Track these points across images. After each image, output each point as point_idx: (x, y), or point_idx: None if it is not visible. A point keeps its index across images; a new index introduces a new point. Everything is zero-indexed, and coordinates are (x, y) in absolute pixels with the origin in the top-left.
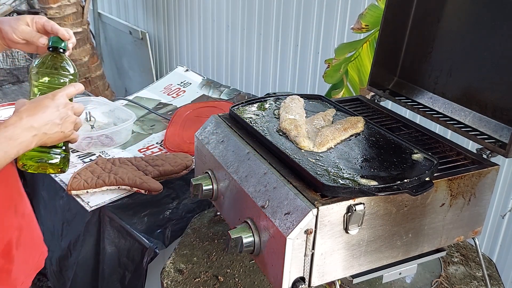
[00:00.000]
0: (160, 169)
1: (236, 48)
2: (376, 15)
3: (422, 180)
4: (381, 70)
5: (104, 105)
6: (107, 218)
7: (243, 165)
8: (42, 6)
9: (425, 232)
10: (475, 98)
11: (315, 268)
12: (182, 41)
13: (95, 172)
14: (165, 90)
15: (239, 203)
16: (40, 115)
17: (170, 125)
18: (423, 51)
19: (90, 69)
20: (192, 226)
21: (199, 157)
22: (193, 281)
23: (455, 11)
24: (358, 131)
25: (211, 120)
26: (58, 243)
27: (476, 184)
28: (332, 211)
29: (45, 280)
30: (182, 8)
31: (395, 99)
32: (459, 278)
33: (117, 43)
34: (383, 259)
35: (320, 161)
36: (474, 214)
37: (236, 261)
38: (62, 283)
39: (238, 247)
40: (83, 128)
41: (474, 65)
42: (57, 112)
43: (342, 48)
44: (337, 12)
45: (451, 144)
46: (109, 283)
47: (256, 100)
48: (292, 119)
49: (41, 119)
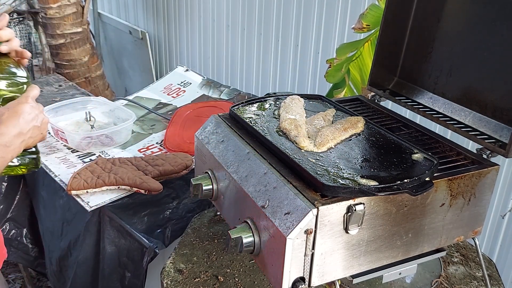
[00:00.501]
0: (160, 169)
1: (236, 48)
2: (377, 15)
3: (422, 180)
4: (381, 70)
5: (104, 105)
6: (107, 218)
7: (243, 165)
8: (42, 6)
9: (425, 232)
10: (475, 98)
11: (315, 268)
12: (182, 41)
13: (95, 172)
14: (165, 90)
15: (239, 203)
16: (24, 121)
17: (170, 125)
18: (423, 51)
19: (90, 69)
20: (192, 226)
21: (199, 157)
22: (193, 281)
23: (455, 11)
24: (358, 131)
25: (211, 120)
26: (58, 243)
27: (476, 184)
28: (332, 211)
29: (45, 280)
30: (182, 8)
31: (395, 99)
32: (459, 278)
33: (117, 43)
34: (383, 259)
35: (320, 161)
36: (474, 214)
37: (236, 261)
38: (62, 283)
39: (238, 247)
40: (83, 128)
41: (474, 65)
42: (35, 115)
43: (344, 47)
44: (338, 12)
45: (451, 144)
46: (109, 283)
47: (256, 100)
48: (292, 119)
49: (26, 125)
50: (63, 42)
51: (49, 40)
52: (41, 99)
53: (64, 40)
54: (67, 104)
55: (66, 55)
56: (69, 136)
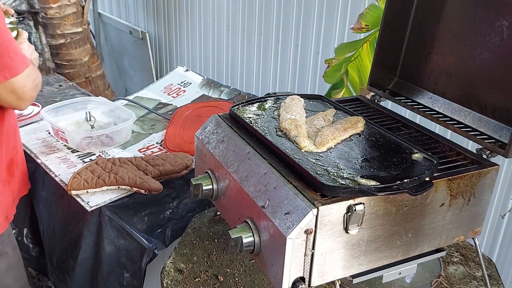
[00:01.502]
0: (160, 169)
1: (236, 48)
2: (376, 15)
3: (422, 180)
4: (381, 70)
5: (104, 105)
6: (107, 218)
7: (243, 165)
8: (42, 6)
9: (425, 232)
10: (475, 98)
11: (315, 268)
12: (182, 41)
13: (95, 172)
14: (165, 90)
15: (239, 202)
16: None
17: (170, 125)
18: (423, 51)
19: (90, 69)
20: (192, 226)
21: (199, 157)
22: (193, 281)
23: (455, 11)
24: (358, 131)
25: (211, 120)
26: (58, 243)
27: (476, 184)
28: (332, 211)
29: (45, 279)
30: (182, 8)
31: (395, 99)
32: (458, 278)
33: (117, 43)
34: (383, 259)
35: (320, 161)
36: (474, 214)
37: (236, 261)
38: (62, 283)
39: (238, 246)
40: (84, 128)
41: (474, 65)
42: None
43: (342, 48)
44: (337, 12)
45: (451, 144)
46: (108, 283)
47: (256, 100)
48: (292, 119)
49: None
50: (63, 42)
51: (49, 40)
52: (41, 99)
53: (64, 40)
54: (67, 104)
55: (66, 55)
56: (69, 136)
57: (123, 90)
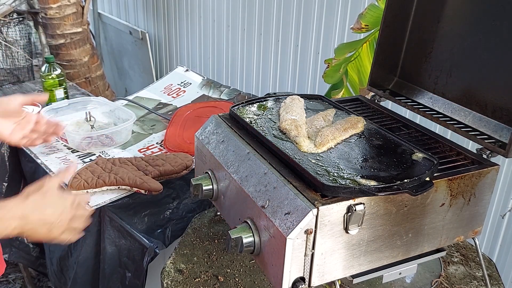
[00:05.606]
0: (160, 169)
1: (236, 48)
2: (376, 15)
3: (422, 180)
4: (381, 70)
5: (104, 105)
6: (107, 218)
7: (243, 165)
8: (42, 6)
9: (425, 232)
10: (475, 98)
11: (315, 268)
12: (182, 41)
13: (95, 172)
14: (165, 90)
15: (239, 203)
16: None
17: (170, 125)
18: (423, 51)
19: (90, 69)
20: (192, 226)
21: (199, 157)
22: (193, 281)
23: (455, 11)
24: (358, 131)
25: (211, 120)
26: (58, 243)
27: (476, 184)
28: (332, 211)
29: (45, 280)
30: (182, 9)
31: (395, 99)
32: (459, 278)
33: (117, 43)
34: (383, 259)
35: (320, 161)
36: (474, 214)
37: (236, 261)
38: (62, 283)
39: (238, 247)
40: (84, 128)
41: (474, 65)
42: None
43: (342, 48)
44: (337, 12)
45: (451, 144)
46: (110, 283)
47: (256, 100)
48: (292, 119)
49: None
50: (63, 42)
51: (49, 40)
52: None
53: (64, 40)
54: (67, 104)
55: (66, 55)
56: (69, 136)
57: (123, 90)
